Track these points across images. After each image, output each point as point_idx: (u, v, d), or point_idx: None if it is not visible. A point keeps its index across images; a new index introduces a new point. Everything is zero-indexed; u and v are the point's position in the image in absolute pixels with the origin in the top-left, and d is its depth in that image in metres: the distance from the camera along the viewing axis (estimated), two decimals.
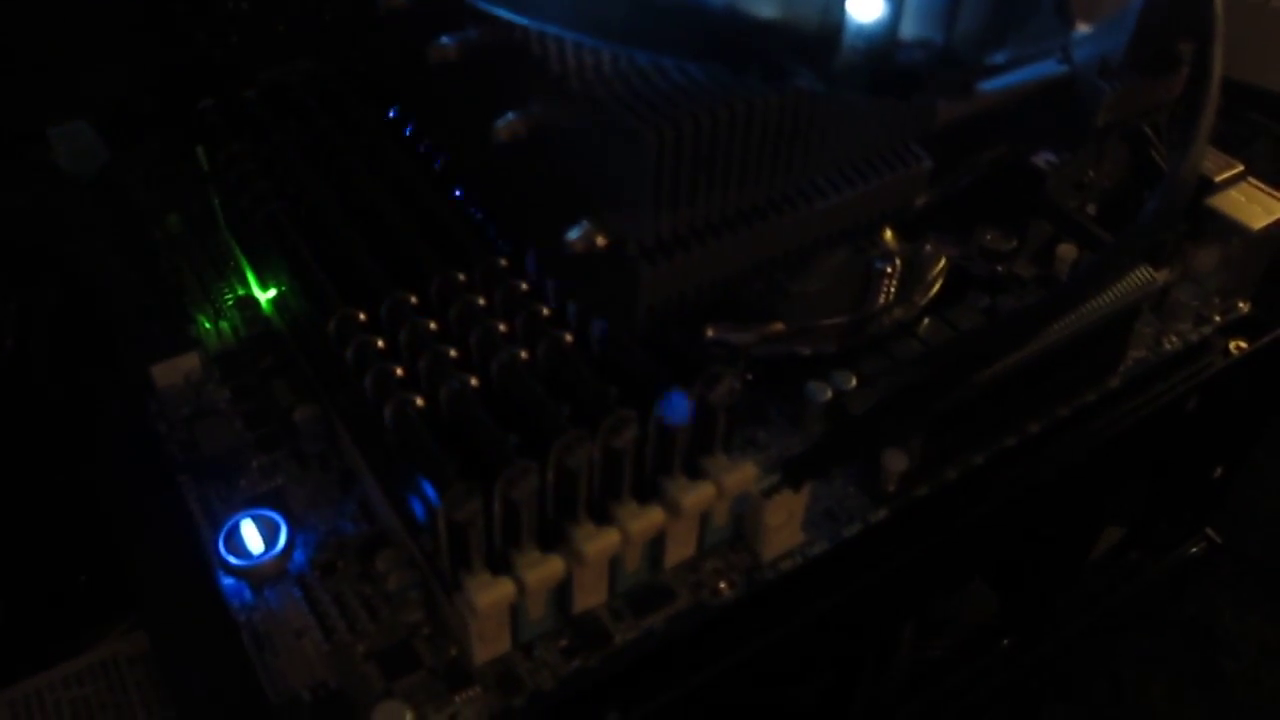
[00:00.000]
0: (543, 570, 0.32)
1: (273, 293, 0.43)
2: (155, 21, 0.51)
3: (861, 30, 0.25)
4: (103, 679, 0.42)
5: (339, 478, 0.39)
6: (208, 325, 0.44)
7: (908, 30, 0.26)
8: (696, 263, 0.31)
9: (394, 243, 0.37)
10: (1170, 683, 0.58)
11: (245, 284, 0.45)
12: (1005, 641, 0.53)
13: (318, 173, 0.40)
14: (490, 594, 0.31)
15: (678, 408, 0.31)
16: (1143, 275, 0.40)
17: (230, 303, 0.45)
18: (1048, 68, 0.36)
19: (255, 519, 0.36)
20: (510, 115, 0.31)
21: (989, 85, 0.34)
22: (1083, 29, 0.31)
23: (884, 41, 0.26)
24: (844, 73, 0.26)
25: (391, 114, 0.43)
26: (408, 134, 0.42)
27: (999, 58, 0.27)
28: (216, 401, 0.41)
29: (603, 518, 0.33)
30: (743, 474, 0.34)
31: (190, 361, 0.41)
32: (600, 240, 0.30)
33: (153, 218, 0.48)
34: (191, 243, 0.47)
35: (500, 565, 0.32)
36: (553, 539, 0.33)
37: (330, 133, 0.42)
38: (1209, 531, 0.60)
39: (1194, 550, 0.60)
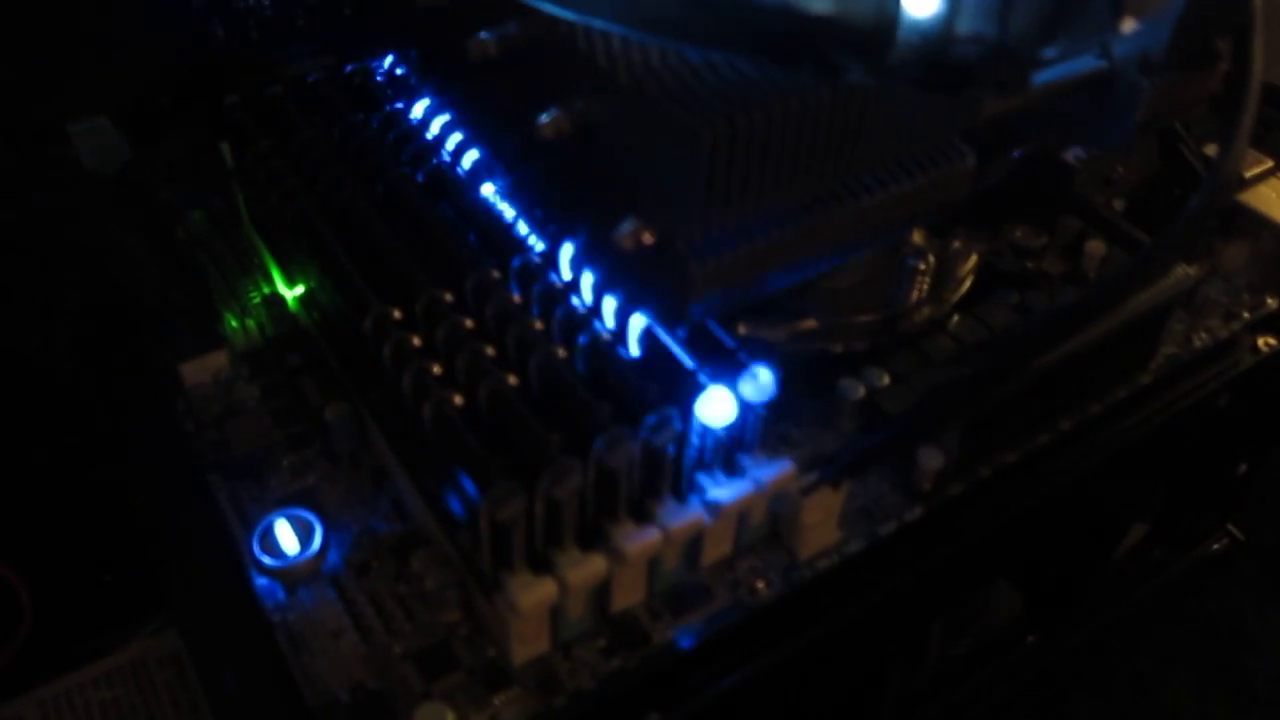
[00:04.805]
0: (584, 570, 0.32)
1: (300, 290, 0.43)
2: (175, 17, 0.51)
3: (916, 25, 0.25)
4: (132, 680, 0.42)
5: (371, 476, 0.39)
6: (234, 323, 0.44)
7: (962, 25, 0.25)
8: (745, 259, 0.30)
9: (427, 239, 0.37)
10: (1193, 678, 0.58)
11: (271, 281, 0.45)
12: (1030, 639, 0.53)
13: (347, 168, 0.40)
14: (532, 594, 0.31)
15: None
16: (1177, 271, 0.40)
17: (256, 300, 0.44)
18: (1086, 63, 0.36)
19: (289, 519, 0.36)
20: (555, 111, 0.31)
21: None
22: (1128, 26, 0.31)
23: (939, 36, 0.25)
24: (898, 68, 0.26)
25: (423, 108, 0.43)
26: (440, 128, 0.42)
27: (1050, 52, 0.27)
28: (245, 400, 0.41)
29: (643, 516, 0.33)
30: (781, 473, 0.34)
31: (219, 360, 0.41)
32: (648, 237, 0.30)
33: (176, 215, 0.48)
34: (216, 240, 0.47)
35: (541, 565, 0.32)
36: (593, 538, 0.32)
37: (358, 128, 0.42)
38: (1231, 528, 0.60)
39: (1216, 547, 0.60)
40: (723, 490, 0.33)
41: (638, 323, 0.32)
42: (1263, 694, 0.57)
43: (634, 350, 0.33)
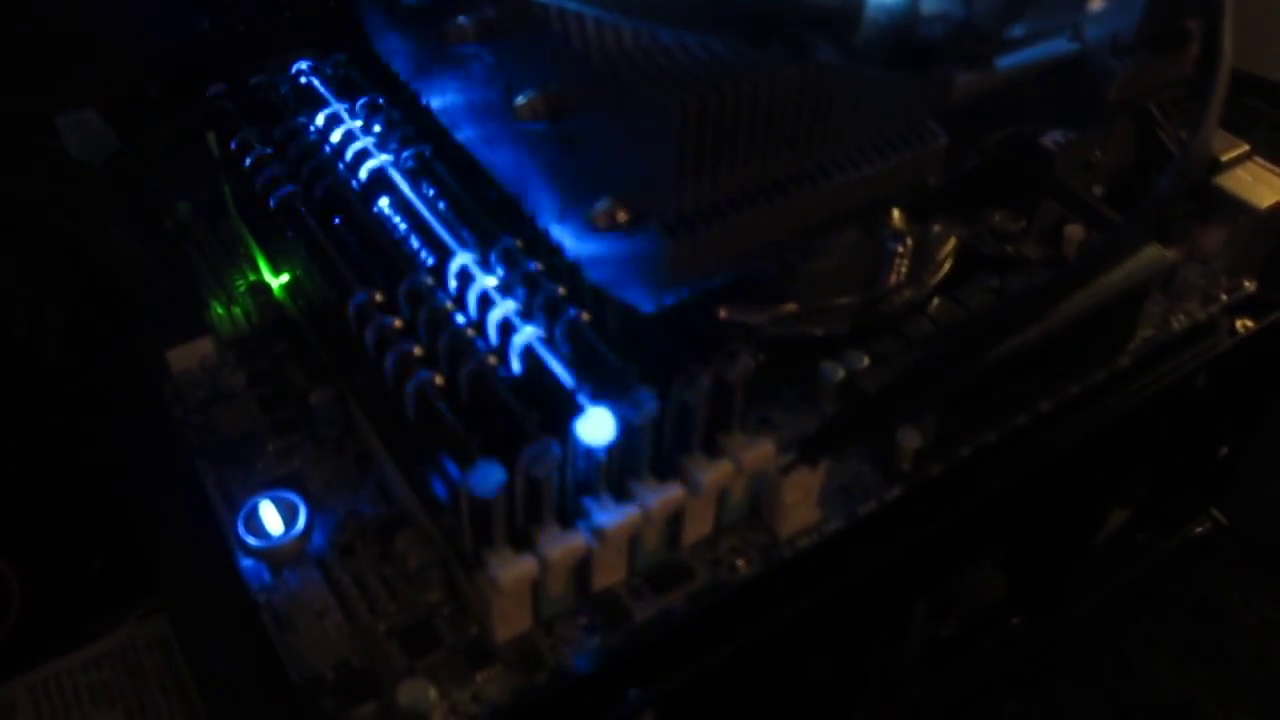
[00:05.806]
0: (564, 547, 0.32)
1: (285, 278, 0.43)
2: (162, 10, 0.51)
3: (883, 4, 0.26)
4: (121, 663, 0.42)
5: (355, 460, 0.39)
6: (221, 311, 0.44)
7: (927, 4, 0.26)
8: (719, 238, 0.31)
9: (409, 225, 0.38)
10: (1177, 661, 0.58)
11: (257, 270, 0.45)
12: (1014, 621, 0.53)
13: (330, 157, 0.40)
14: (513, 571, 0.32)
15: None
16: (1154, 254, 0.40)
17: (242, 288, 0.45)
18: (1059, 46, 0.36)
19: (274, 500, 0.36)
20: (531, 93, 0.31)
21: (1001, 63, 0.34)
22: (1095, 6, 0.31)
23: (905, 15, 0.26)
24: (865, 46, 0.26)
25: (403, 94, 0.43)
26: (420, 114, 0.42)
27: (1017, 31, 0.27)
28: (232, 386, 0.41)
29: (622, 495, 0.33)
30: (761, 452, 0.35)
31: (205, 346, 0.41)
32: (623, 216, 0.30)
33: (163, 205, 0.48)
34: (202, 229, 0.48)
35: (522, 543, 0.32)
36: (573, 516, 0.33)
37: (341, 117, 0.42)
38: (1214, 512, 0.60)
39: (1200, 530, 0.60)
40: (702, 470, 0.34)
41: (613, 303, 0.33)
42: (1246, 677, 0.58)
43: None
